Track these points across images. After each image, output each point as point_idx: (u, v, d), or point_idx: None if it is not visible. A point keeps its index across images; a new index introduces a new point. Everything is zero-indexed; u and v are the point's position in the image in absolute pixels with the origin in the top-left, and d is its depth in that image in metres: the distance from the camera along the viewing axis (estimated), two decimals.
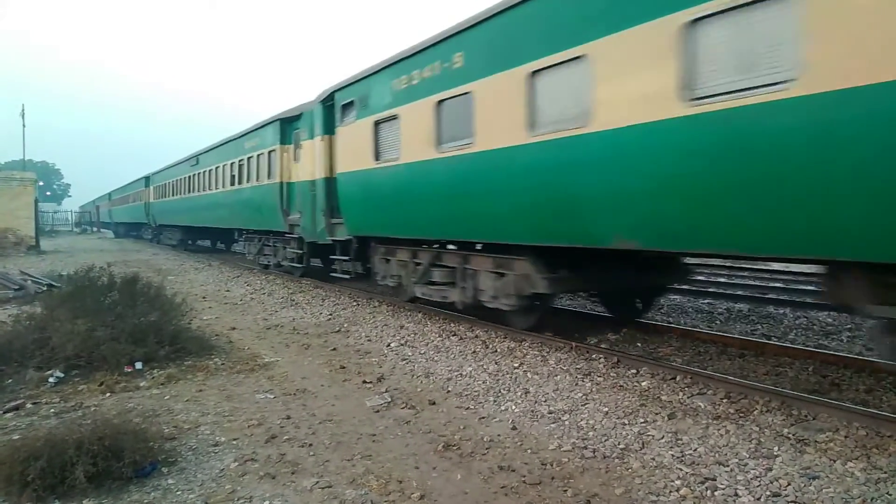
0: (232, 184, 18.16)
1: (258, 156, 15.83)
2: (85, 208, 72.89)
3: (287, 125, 14.16)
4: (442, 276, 8.73)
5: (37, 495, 3.51)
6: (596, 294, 9.45)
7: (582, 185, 6.13)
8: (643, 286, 8.27)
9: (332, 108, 11.52)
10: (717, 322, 8.91)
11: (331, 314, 10.08)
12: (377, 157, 9.64)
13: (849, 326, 8.37)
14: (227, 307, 11.17)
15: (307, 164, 12.77)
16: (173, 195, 27.12)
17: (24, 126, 47.84)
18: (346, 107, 10.73)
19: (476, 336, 8.00)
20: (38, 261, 21.46)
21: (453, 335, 8.08)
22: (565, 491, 3.71)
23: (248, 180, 16.73)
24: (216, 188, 20.07)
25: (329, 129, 11.70)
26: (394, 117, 9.12)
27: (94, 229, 60.50)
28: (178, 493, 3.72)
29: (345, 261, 11.63)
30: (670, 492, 3.65)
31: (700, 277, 12.58)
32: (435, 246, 9.26)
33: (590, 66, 5.79)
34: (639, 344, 7.53)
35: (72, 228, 64.27)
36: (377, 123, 9.61)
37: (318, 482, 3.84)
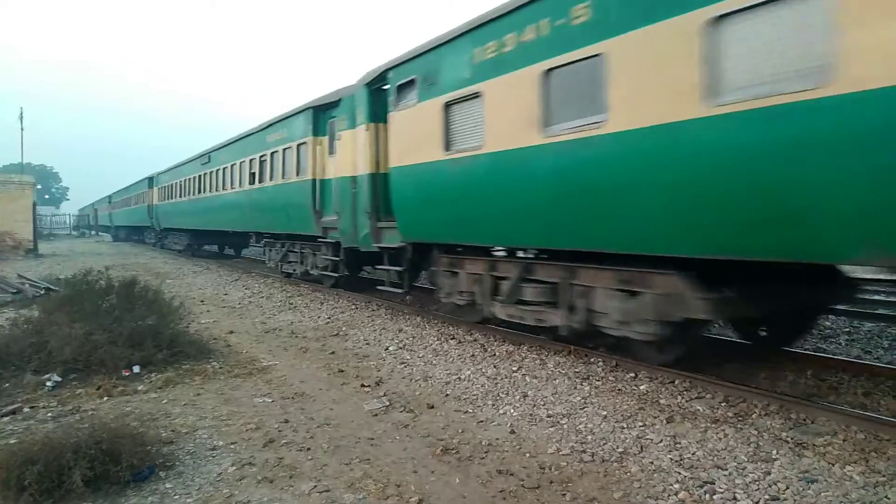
0: (251, 182, 16.32)
1: (284, 150, 14.03)
2: (83, 211, 72.85)
3: (321, 114, 12.41)
4: (537, 294, 7.07)
5: (34, 500, 3.49)
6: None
7: (818, 175, 4.26)
8: (808, 306, 6.65)
9: (379, 92, 9.95)
10: (716, 325, 8.91)
11: (329, 317, 10.08)
12: (447, 146, 7.93)
13: (847, 330, 8.39)
14: (226, 311, 11.16)
15: (346, 157, 11.06)
16: (181, 196, 25.39)
17: (22, 129, 47.93)
18: (404, 87, 8.97)
19: (475, 340, 8.00)
20: (35, 264, 21.44)
21: (452, 339, 8.08)
22: (564, 495, 3.71)
23: (271, 178, 14.93)
24: (232, 188, 18.32)
25: (376, 115, 10.06)
26: (474, 96, 7.39)
27: (93, 233, 60.45)
28: (176, 497, 3.71)
29: (396, 272, 9.88)
30: (669, 495, 3.65)
31: None
32: (510, 256, 7.82)
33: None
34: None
35: (70, 232, 64.23)
36: (448, 105, 7.90)
37: (316, 486, 3.83)
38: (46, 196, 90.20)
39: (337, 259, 12.32)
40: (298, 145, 13.25)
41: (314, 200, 12.45)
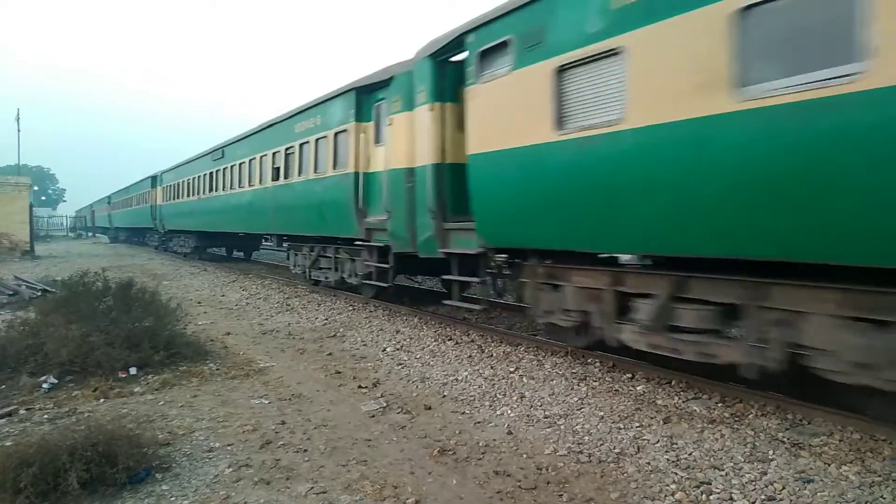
0: (275, 178, 14.57)
1: (317, 140, 12.29)
2: (81, 213, 72.67)
3: (365, 96, 10.65)
4: (702, 319, 5.25)
5: (29, 502, 3.48)
6: None
7: None
8: None
9: (445, 65, 8.48)
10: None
11: (326, 319, 10.07)
12: (559, 123, 6.13)
13: None
14: (223, 312, 11.14)
15: (400, 146, 9.37)
16: (188, 196, 23.60)
17: (18, 131, 47.90)
18: (491, 53, 7.19)
19: (472, 341, 8.00)
20: (32, 266, 21.39)
21: (449, 340, 8.08)
22: (561, 496, 3.71)
23: (300, 173, 13.15)
24: (250, 185, 16.49)
25: (442, 93, 8.48)
26: (609, 54, 5.61)
27: (90, 234, 60.32)
28: (172, 498, 3.71)
29: (472, 283, 8.35)
30: (665, 496, 3.66)
31: None
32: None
33: None
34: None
35: (67, 233, 64.11)
36: (562, 71, 6.11)
37: (312, 488, 3.83)
38: (43, 198, 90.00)
39: (386, 266, 10.30)
40: (336, 134, 11.48)
41: (356, 197, 10.66)
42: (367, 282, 11.08)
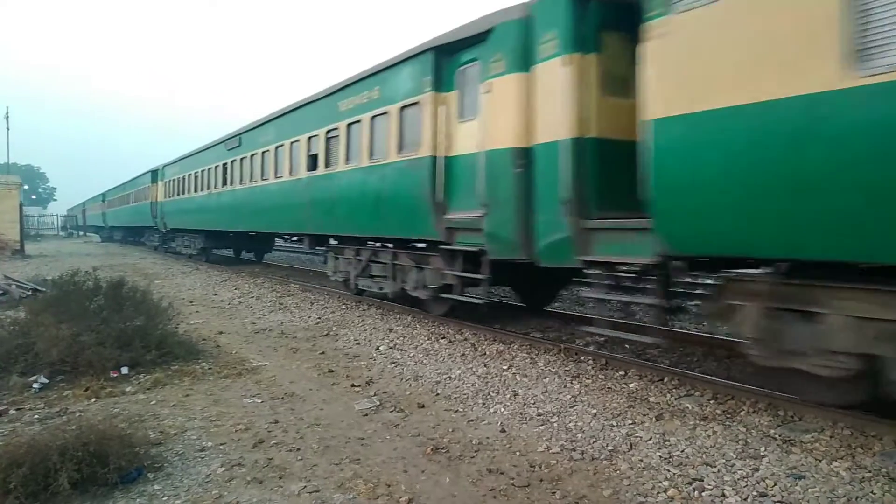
0: (311, 168, 12.23)
1: (373, 118, 9.99)
2: (72, 212, 72.15)
3: (446, 58, 8.45)
4: None
5: (19, 502, 3.46)
6: None
7: None
8: None
9: (584, 2, 6.36)
10: (705, 323, 8.96)
11: (319, 318, 10.04)
12: (859, 59, 3.84)
13: None
14: (215, 311, 11.09)
15: (505, 118, 7.20)
16: (196, 191, 21.30)
17: (7, 129, 47.55)
18: None
19: (465, 339, 8.00)
20: (22, 265, 21.22)
21: (442, 338, 8.07)
22: (554, 493, 3.72)
23: (348, 159, 10.79)
24: (276, 177, 14.28)
25: (584, 42, 6.33)
26: None
27: (81, 233, 59.93)
28: (164, 498, 3.69)
29: (635, 304, 6.24)
30: (658, 493, 3.67)
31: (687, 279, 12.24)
32: None
33: None
34: (626, 346, 7.51)
35: (57, 232, 63.70)
36: None
37: (305, 487, 3.82)
38: (33, 196, 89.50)
39: (478, 277, 7.99)
40: (402, 108, 9.24)
41: (433, 188, 8.46)
42: (446, 295, 8.75)
